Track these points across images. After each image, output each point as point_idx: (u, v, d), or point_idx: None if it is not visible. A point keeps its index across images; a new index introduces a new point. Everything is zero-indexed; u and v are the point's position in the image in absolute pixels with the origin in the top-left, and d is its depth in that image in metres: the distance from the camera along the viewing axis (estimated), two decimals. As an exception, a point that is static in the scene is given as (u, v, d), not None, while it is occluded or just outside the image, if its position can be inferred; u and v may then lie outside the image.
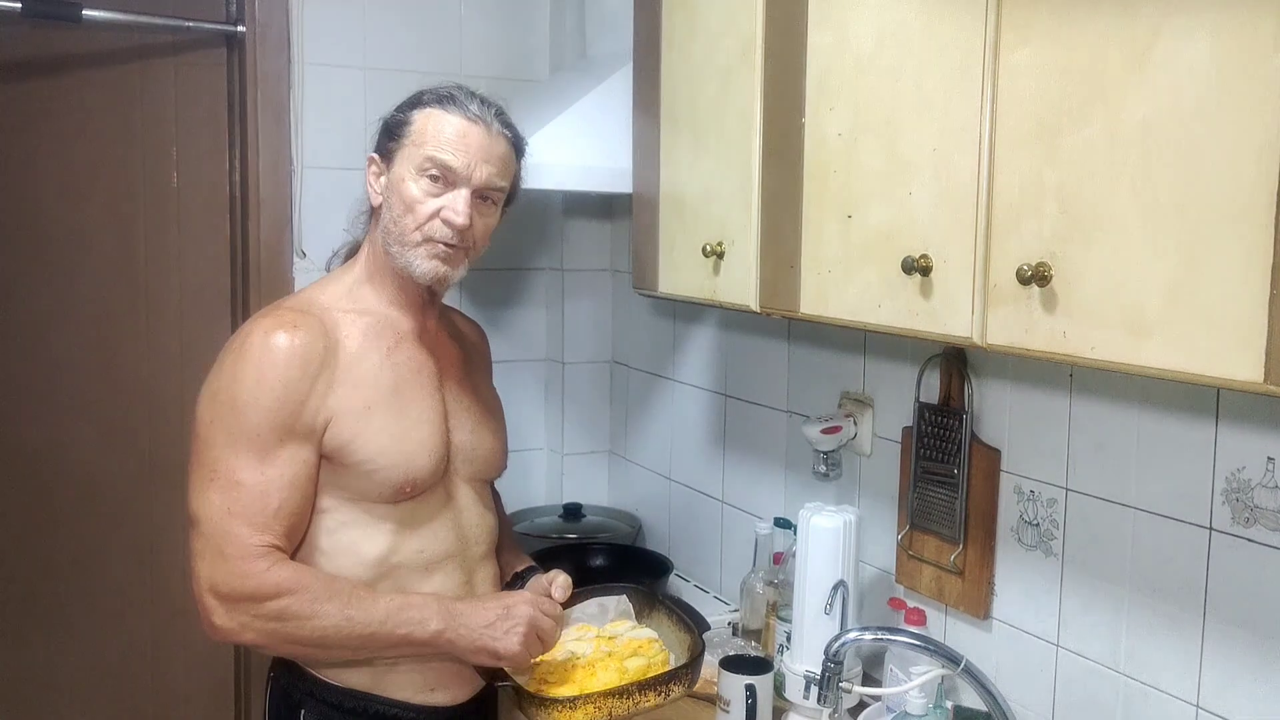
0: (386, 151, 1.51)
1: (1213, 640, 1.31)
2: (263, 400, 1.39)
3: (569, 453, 2.74)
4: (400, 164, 1.49)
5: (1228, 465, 1.28)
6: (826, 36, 1.40)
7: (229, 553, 1.37)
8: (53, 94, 2.32)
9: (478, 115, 1.49)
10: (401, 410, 1.49)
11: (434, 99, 1.50)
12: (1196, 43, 0.94)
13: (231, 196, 2.45)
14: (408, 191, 1.47)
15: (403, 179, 1.48)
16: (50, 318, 2.36)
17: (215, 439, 1.40)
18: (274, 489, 1.40)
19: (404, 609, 1.43)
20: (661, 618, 1.66)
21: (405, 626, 1.42)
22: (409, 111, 1.51)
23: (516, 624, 1.45)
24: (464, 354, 1.66)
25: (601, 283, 2.71)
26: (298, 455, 1.42)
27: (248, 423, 1.39)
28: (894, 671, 1.64)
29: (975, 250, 1.18)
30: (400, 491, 1.48)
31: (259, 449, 1.39)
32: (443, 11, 2.53)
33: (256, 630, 1.39)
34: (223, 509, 1.38)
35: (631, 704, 1.44)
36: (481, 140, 1.48)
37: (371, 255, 1.55)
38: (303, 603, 1.38)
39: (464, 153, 1.47)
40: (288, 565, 1.40)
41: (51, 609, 2.42)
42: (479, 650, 1.46)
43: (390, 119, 1.53)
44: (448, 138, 1.47)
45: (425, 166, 1.46)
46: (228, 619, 1.38)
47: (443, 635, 1.44)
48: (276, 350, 1.40)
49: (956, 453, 1.64)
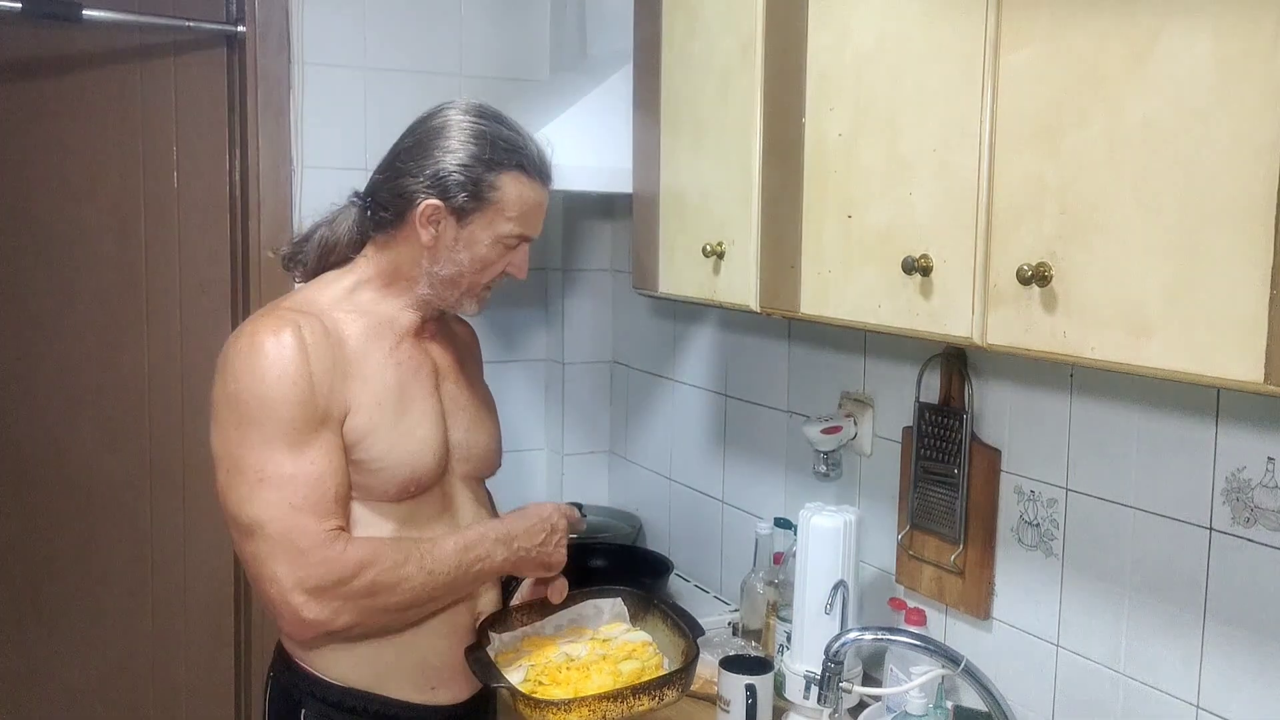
0: (460, 207, 1.47)
1: (1213, 640, 1.31)
2: (291, 395, 1.38)
3: (569, 453, 2.74)
4: (480, 227, 1.49)
5: (1228, 465, 1.28)
6: (826, 36, 1.40)
7: (305, 546, 1.36)
8: (53, 94, 2.32)
9: (550, 177, 1.55)
10: (405, 409, 1.49)
11: (523, 163, 1.50)
12: (1197, 43, 0.94)
13: (231, 196, 2.45)
14: (484, 254, 1.51)
15: (480, 241, 1.49)
16: (50, 318, 2.36)
17: (250, 441, 1.38)
18: (326, 475, 1.40)
19: (469, 548, 1.49)
20: (656, 621, 1.66)
21: (477, 564, 1.49)
22: (495, 174, 1.47)
23: (558, 535, 1.58)
24: (458, 353, 1.67)
25: (601, 283, 2.71)
26: (332, 440, 1.42)
27: (281, 418, 1.38)
28: (894, 671, 1.64)
29: (975, 250, 1.18)
30: (405, 489, 1.48)
31: (299, 442, 1.38)
32: (443, 11, 2.53)
33: (351, 611, 1.40)
34: (284, 505, 1.37)
35: (625, 707, 1.45)
36: (547, 205, 1.56)
37: (390, 271, 1.52)
38: (385, 572, 1.40)
39: (541, 221, 1.55)
40: (359, 542, 1.41)
41: (51, 609, 2.42)
42: (538, 566, 1.58)
43: (468, 174, 1.46)
44: (533, 210, 1.52)
45: (508, 238, 1.51)
46: (320, 610, 1.38)
47: (509, 562, 1.53)
48: (291, 345, 1.40)
49: (957, 453, 1.64)
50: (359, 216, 1.56)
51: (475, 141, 1.47)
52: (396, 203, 1.49)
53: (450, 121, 1.49)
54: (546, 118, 2.04)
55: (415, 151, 1.49)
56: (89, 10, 2.18)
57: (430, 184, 1.47)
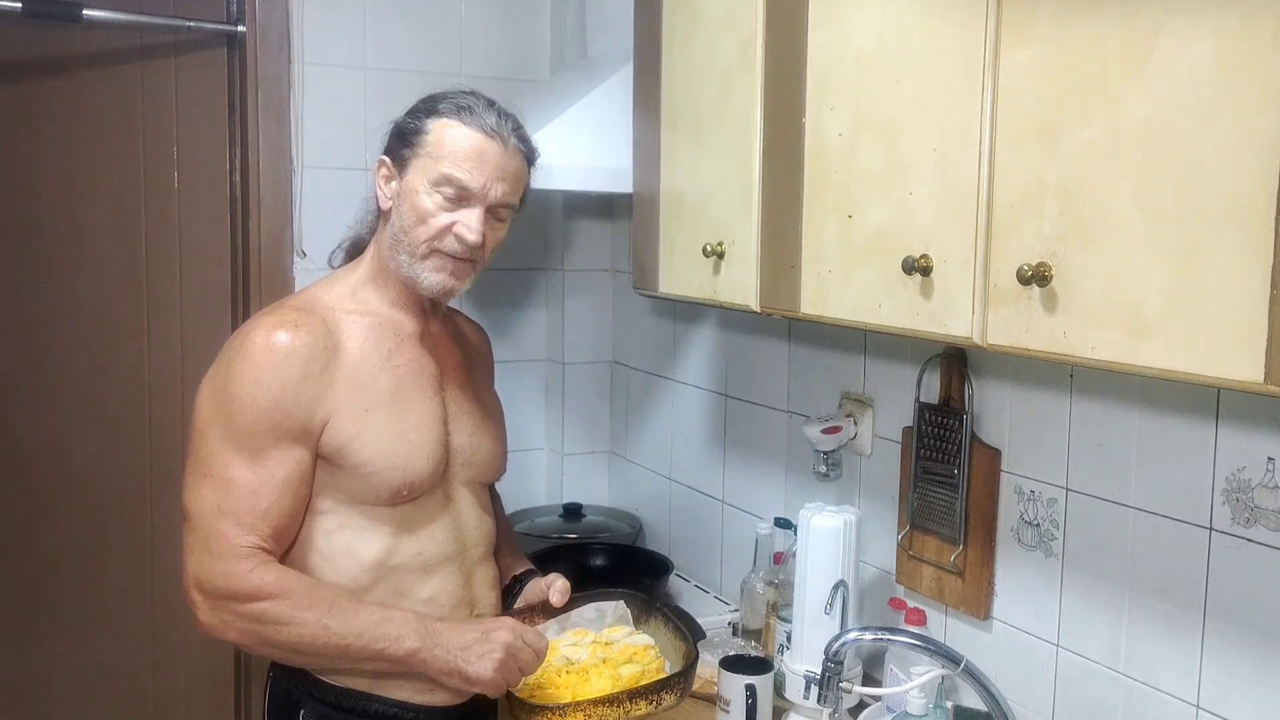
0: (399, 157, 1.49)
1: (1213, 640, 1.31)
2: (259, 399, 1.39)
3: (569, 453, 2.74)
4: (414, 174, 1.46)
5: (1228, 465, 1.28)
6: (826, 36, 1.40)
7: (215, 550, 1.38)
8: (53, 94, 2.32)
9: (495, 130, 1.46)
10: (400, 413, 1.49)
11: (451, 108, 1.47)
12: (1197, 43, 0.94)
13: (231, 196, 2.45)
14: (421, 204, 1.45)
15: (416, 190, 1.46)
16: (50, 318, 2.36)
17: (211, 435, 1.40)
18: (265, 489, 1.40)
19: (382, 624, 1.41)
20: (659, 624, 1.66)
21: (381, 642, 1.41)
22: (425, 119, 1.47)
23: (493, 649, 1.41)
24: (466, 356, 1.66)
25: (601, 283, 2.71)
26: (291, 456, 1.41)
27: (243, 421, 1.39)
28: (894, 671, 1.64)
29: (976, 250, 1.18)
30: (398, 494, 1.47)
31: (253, 448, 1.39)
32: (443, 11, 2.53)
33: (238, 630, 1.39)
34: (213, 506, 1.39)
35: (622, 712, 1.45)
36: (498, 158, 1.47)
37: (377, 257, 1.54)
38: (282, 608, 1.38)
39: (480, 171, 1.45)
40: (273, 569, 1.40)
41: (51, 609, 2.42)
42: (451, 672, 1.43)
43: (404, 124, 1.50)
44: (465, 154, 1.45)
45: (440, 183, 1.45)
46: (210, 615, 1.39)
47: (417, 654, 1.42)
48: (277, 350, 1.40)
49: (957, 453, 1.64)
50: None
51: (421, 101, 1.51)
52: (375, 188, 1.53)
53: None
54: (546, 118, 2.04)
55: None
56: (89, 10, 2.17)
57: (385, 147, 1.51)
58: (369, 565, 1.47)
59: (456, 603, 1.55)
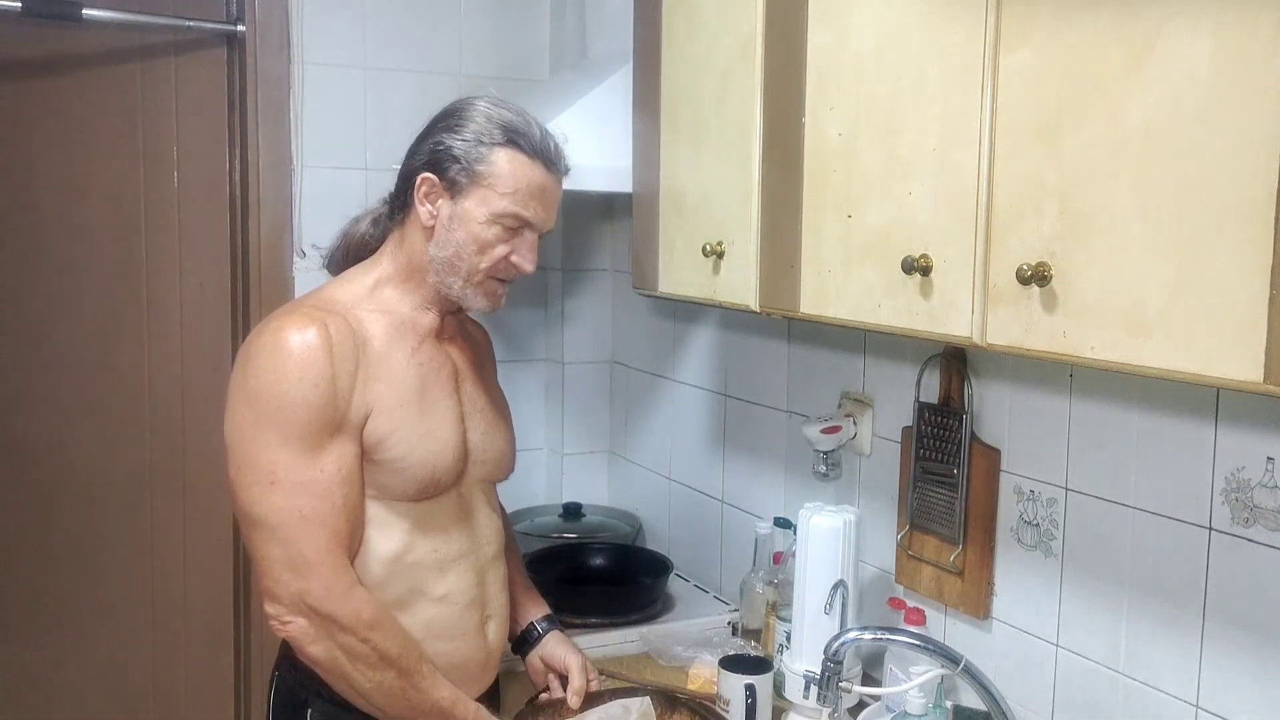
0: (450, 179, 1.46)
1: (1212, 640, 1.31)
2: (311, 398, 1.37)
3: (569, 452, 2.74)
4: (473, 202, 1.45)
5: (1227, 465, 1.28)
6: (826, 36, 1.40)
7: (311, 559, 1.37)
8: (53, 94, 2.32)
9: (554, 163, 1.50)
10: (427, 409, 1.49)
11: (518, 141, 1.46)
12: (1197, 43, 0.94)
13: (231, 196, 2.45)
14: (481, 235, 1.46)
15: (475, 219, 1.46)
16: (50, 318, 2.36)
17: (267, 441, 1.37)
18: (335, 486, 1.39)
19: (456, 704, 1.48)
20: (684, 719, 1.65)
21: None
22: (490, 148, 1.45)
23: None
24: (475, 355, 1.67)
25: (601, 283, 2.71)
26: (348, 450, 1.41)
27: (300, 421, 1.37)
28: (894, 671, 1.64)
29: (975, 250, 1.18)
30: (424, 490, 1.48)
31: (314, 447, 1.38)
32: (443, 11, 2.53)
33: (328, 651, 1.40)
34: (294, 513, 1.37)
35: None
36: (557, 191, 1.51)
37: (407, 263, 1.52)
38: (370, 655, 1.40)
39: (543, 208, 1.49)
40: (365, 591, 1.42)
41: (51, 609, 2.42)
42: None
43: (458, 146, 1.45)
44: (531, 192, 1.47)
45: (503, 216, 1.46)
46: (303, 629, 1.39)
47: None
48: (314, 345, 1.38)
49: (956, 453, 1.64)
50: (380, 211, 1.59)
51: (475, 120, 1.47)
52: (403, 186, 1.51)
53: (461, 106, 1.50)
54: (546, 118, 2.03)
55: (423, 135, 1.51)
56: (89, 10, 2.18)
57: (428, 160, 1.48)
58: (385, 561, 1.47)
59: (470, 601, 1.55)
